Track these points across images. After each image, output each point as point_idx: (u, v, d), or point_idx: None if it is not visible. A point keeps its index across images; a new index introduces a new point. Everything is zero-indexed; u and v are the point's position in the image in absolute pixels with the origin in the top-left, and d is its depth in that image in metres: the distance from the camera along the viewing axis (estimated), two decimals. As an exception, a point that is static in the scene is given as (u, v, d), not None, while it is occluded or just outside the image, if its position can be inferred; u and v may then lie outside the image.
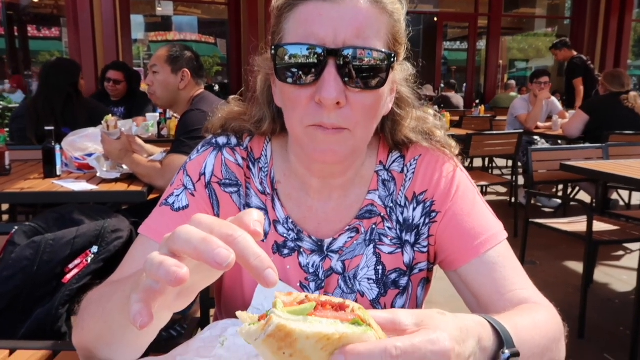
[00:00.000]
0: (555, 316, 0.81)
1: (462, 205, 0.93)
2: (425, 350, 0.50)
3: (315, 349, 0.47)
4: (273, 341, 0.47)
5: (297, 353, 0.47)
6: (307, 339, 0.46)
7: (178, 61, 2.62)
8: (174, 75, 2.62)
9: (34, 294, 1.39)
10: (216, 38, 15.84)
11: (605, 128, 4.69)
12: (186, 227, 0.52)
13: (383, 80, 0.80)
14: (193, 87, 2.68)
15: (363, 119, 0.81)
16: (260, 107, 0.95)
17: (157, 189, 2.50)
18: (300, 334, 0.46)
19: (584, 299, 2.84)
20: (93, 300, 0.80)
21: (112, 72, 4.75)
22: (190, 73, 2.63)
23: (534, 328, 0.72)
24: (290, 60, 0.79)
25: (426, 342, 0.51)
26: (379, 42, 0.80)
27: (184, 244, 0.51)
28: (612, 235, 3.05)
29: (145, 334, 0.71)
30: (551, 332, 0.76)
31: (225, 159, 0.95)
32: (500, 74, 13.48)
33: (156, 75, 2.63)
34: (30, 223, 1.52)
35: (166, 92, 2.65)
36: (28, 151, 3.14)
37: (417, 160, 0.97)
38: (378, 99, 0.82)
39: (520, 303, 0.83)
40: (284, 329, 0.46)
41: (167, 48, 2.69)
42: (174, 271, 0.48)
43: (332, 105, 0.77)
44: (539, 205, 5.74)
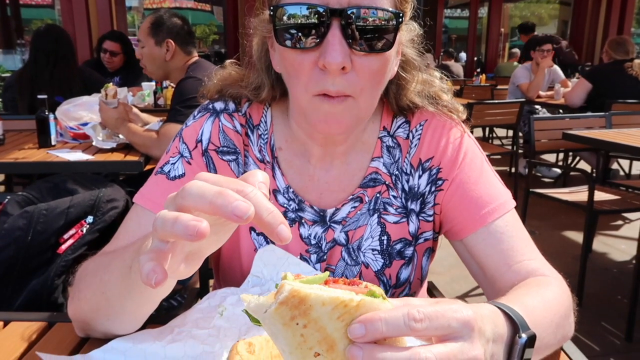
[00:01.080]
0: (565, 290, 0.79)
1: (470, 173, 0.90)
2: (449, 317, 0.47)
3: (331, 318, 0.43)
4: (286, 310, 0.43)
5: (311, 323, 0.43)
6: (323, 305, 0.43)
7: (160, 32, 2.54)
8: (158, 47, 2.56)
9: (28, 265, 1.37)
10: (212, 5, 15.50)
11: (608, 96, 4.63)
12: (196, 182, 0.49)
13: (390, 42, 0.76)
14: (182, 56, 2.61)
15: (369, 85, 0.77)
16: (258, 73, 0.91)
17: (154, 159, 2.47)
18: (315, 299, 0.42)
19: (582, 268, 2.85)
20: (89, 271, 0.77)
21: (108, 43, 4.61)
22: (175, 42, 2.56)
23: (544, 308, 0.69)
24: (291, 22, 0.73)
25: (449, 309, 0.48)
26: (385, 1, 0.75)
27: (198, 199, 0.47)
28: (613, 205, 3.04)
29: (145, 303, 0.69)
30: (562, 309, 0.74)
31: (223, 126, 0.91)
32: (502, 42, 13.27)
33: (143, 49, 2.59)
34: (23, 193, 1.49)
35: (154, 65, 2.61)
36: (22, 121, 3.09)
37: (423, 126, 0.93)
38: (385, 62, 0.78)
39: (527, 275, 0.81)
40: (298, 294, 0.42)
41: (150, 19, 2.61)
42: (193, 225, 0.45)
43: (337, 71, 0.72)
44: (538, 176, 5.73)
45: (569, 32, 13.10)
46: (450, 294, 3.00)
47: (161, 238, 0.49)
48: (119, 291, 0.67)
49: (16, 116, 3.21)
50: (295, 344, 0.44)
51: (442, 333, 0.47)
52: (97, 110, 2.62)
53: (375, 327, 0.44)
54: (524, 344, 0.58)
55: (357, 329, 0.44)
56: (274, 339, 0.46)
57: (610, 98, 4.57)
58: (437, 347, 0.46)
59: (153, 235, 0.50)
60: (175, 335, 0.74)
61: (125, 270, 0.64)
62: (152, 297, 0.68)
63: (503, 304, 0.62)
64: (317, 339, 0.43)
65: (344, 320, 0.44)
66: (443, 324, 0.47)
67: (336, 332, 0.44)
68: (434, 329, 0.46)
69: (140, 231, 0.84)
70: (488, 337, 0.53)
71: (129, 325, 0.74)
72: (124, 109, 2.46)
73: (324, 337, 0.43)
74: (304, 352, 0.44)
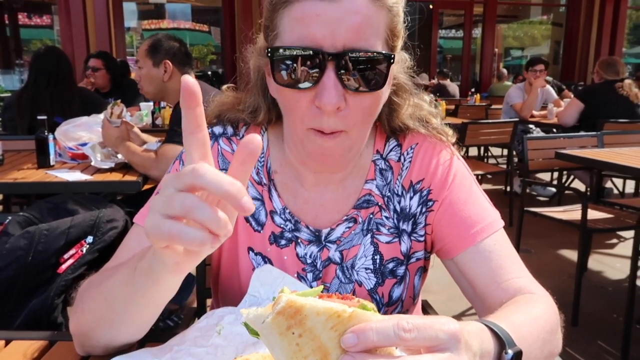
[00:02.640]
0: (552, 306, 0.81)
1: (459, 194, 0.93)
2: (437, 329, 0.49)
3: (325, 327, 0.45)
4: (282, 319, 0.45)
5: (306, 332, 0.45)
6: (317, 315, 0.45)
7: (158, 53, 2.60)
8: (156, 68, 2.60)
9: (28, 285, 1.39)
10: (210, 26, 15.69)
11: (600, 116, 4.70)
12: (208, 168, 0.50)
13: (382, 82, 0.79)
14: (180, 77, 2.65)
15: (361, 119, 0.81)
16: (255, 96, 0.94)
17: (152, 179, 2.49)
18: (310, 309, 0.45)
19: (577, 287, 2.86)
20: (92, 284, 0.79)
21: (91, 60, 4.73)
22: (173, 63, 2.61)
23: (531, 324, 0.71)
24: (288, 63, 0.76)
25: (437, 322, 0.50)
26: (378, 41, 0.78)
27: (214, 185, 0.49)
28: (606, 223, 3.07)
29: (148, 306, 0.70)
30: (548, 325, 0.76)
31: (222, 149, 0.94)
32: (496, 62, 13.44)
33: (141, 70, 2.63)
34: (24, 213, 1.51)
35: (152, 86, 2.64)
36: (21, 141, 3.11)
37: (414, 149, 0.97)
38: (377, 99, 0.82)
39: (516, 292, 0.83)
40: (294, 304, 0.45)
41: (148, 41, 2.67)
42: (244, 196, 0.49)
43: (332, 111, 0.76)
44: (533, 194, 5.76)
45: (561, 52, 13.29)
46: (446, 313, 2.99)
47: (194, 188, 0.50)
48: (123, 296, 0.69)
49: (15, 136, 3.23)
50: (291, 353, 0.46)
51: (430, 344, 0.49)
52: (96, 130, 2.66)
53: (367, 336, 0.46)
54: (510, 359, 0.60)
55: (349, 339, 0.46)
56: (271, 349, 0.48)
57: (602, 117, 4.64)
58: (425, 356, 0.48)
59: None
60: (174, 354, 0.76)
61: (129, 275, 0.66)
62: (155, 300, 0.69)
63: (490, 322, 0.64)
64: (312, 347, 0.45)
65: (337, 330, 0.46)
66: (431, 335, 0.49)
67: (330, 341, 0.46)
68: (422, 339, 0.48)
69: (140, 249, 0.86)
70: (475, 352, 0.55)
71: (131, 333, 0.76)
72: (125, 129, 2.49)
73: (319, 346, 0.46)
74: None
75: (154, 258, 0.60)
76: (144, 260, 0.63)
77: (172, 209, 0.50)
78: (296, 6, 0.76)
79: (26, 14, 13.77)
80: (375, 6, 0.77)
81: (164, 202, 0.51)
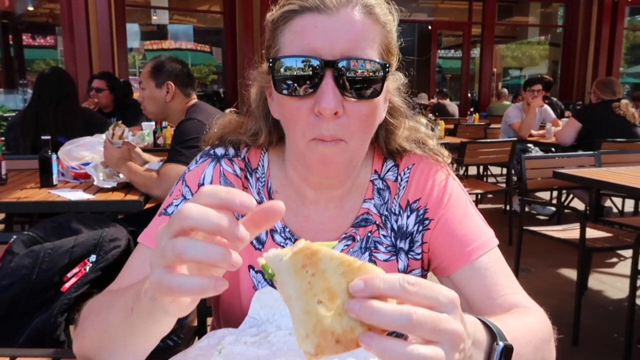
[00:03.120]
0: (545, 319, 0.83)
1: (455, 213, 0.95)
2: (438, 291, 0.51)
3: (336, 272, 0.49)
4: (299, 259, 0.49)
5: (319, 273, 0.49)
6: (330, 259, 0.49)
7: (161, 74, 2.65)
8: (159, 89, 2.65)
9: (32, 303, 1.40)
10: (211, 46, 15.89)
11: (597, 135, 4.74)
12: (191, 204, 0.51)
13: (378, 90, 0.83)
14: (182, 98, 2.70)
15: (359, 129, 0.83)
16: (257, 120, 0.97)
17: (154, 198, 2.51)
18: (325, 253, 0.49)
19: (578, 306, 2.86)
20: (93, 310, 0.81)
21: (95, 81, 4.81)
22: (175, 84, 2.65)
23: (523, 327, 0.74)
24: (288, 73, 0.80)
25: (438, 286, 0.52)
26: (374, 53, 0.82)
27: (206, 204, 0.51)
28: (605, 242, 3.08)
29: (146, 341, 0.72)
30: (541, 333, 0.79)
31: (224, 170, 0.97)
32: (495, 81, 13.58)
33: (144, 91, 2.68)
34: (29, 232, 1.53)
35: (155, 107, 2.69)
36: (24, 160, 3.14)
37: (411, 169, 0.99)
38: (374, 108, 0.85)
39: (511, 307, 0.85)
40: (311, 247, 0.49)
41: (151, 63, 2.73)
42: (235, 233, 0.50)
43: (330, 116, 0.79)
44: (533, 213, 5.78)
45: (559, 72, 13.43)
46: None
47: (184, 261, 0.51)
48: (122, 331, 0.70)
49: (18, 156, 3.27)
50: (302, 290, 0.49)
51: (430, 303, 0.51)
52: (98, 150, 2.69)
53: (374, 282, 0.48)
54: (501, 351, 0.62)
55: (357, 284, 0.48)
56: (284, 288, 0.51)
57: (600, 137, 4.68)
58: (426, 310, 0.50)
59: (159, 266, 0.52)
60: (176, 371, 0.77)
61: (127, 312, 0.67)
62: (153, 335, 0.70)
63: (483, 317, 0.66)
64: (322, 287, 0.49)
65: (347, 277, 0.49)
66: (432, 295, 0.51)
67: (338, 285, 0.49)
68: (423, 296, 0.50)
69: (144, 269, 0.88)
70: (469, 333, 0.56)
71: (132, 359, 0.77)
72: (127, 150, 2.52)
73: (328, 287, 0.49)
74: (309, 297, 0.49)
75: (152, 305, 0.60)
76: (141, 304, 0.63)
77: (167, 258, 0.51)
78: (296, 21, 0.82)
79: (30, 34, 13.96)
80: (370, 20, 0.82)
81: (160, 255, 0.52)
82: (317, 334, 0.48)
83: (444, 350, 0.49)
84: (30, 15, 12.96)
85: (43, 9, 12.28)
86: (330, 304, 0.49)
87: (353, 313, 0.48)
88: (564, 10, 13.20)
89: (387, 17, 0.86)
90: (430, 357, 0.48)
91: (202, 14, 13.08)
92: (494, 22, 12.57)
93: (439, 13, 14.23)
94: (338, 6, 0.80)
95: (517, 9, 15.06)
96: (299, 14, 0.82)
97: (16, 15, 12.58)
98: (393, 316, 0.48)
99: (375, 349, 0.48)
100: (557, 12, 14.12)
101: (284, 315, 0.89)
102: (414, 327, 0.48)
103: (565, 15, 13.06)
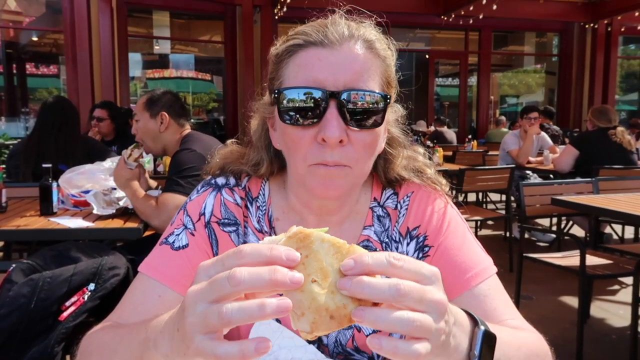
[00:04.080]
0: (540, 338, 0.85)
1: (454, 240, 0.96)
2: (421, 266, 0.55)
3: (328, 253, 0.53)
4: (293, 242, 0.53)
5: (312, 254, 0.53)
6: (322, 242, 0.54)
7: (155, 106, 2.69)
8: (153, 119, 2.68)
9: (30, 332, 1.39)
10: (212, 75, 16.10)
11: (594, 162, 4.77)
12: (244, 268, 0.51)
13: (379, 121, 0.85)
14: (176, 128, 2.72)
15: (363, 156, 0.86)
16: (258, 150, 0.99)
17: (153, 228, 2.51)
18: (317, 236, 0.54)
19: (580, 335, 2.83)
20: (95, 349, 0.79)
21: (97, 110, 4.87)
22: (169, 115, 2.68)
23: (513, 334, 0.77)
24: (293, 103, 0.83)
25: (422, 262, 0.56)
26: (375, 85, 0.85)
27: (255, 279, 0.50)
28: (606, 269, 3.07)
29: None
30: (534, 346, 0.80)
31: (224, 199, 0.98)
32: (492, 109, 13.73)
33: (138, 123, 2.71)
34: (28, 261, 1.53)
35: (149, 138, 2.71)
36: (24, 188, 3.15)
37: (410, 197, 1.01)
38: (376, 136, 0.87)
39: None
40: (304, 231, 0.54)
41: (146, 95, 2.78)
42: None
43: (335, 144, 0.81)
44: (533, 240, 5.76)
45: (555, 99, 13.59)
46: None
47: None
48: None
49: (19, 183, 3.28)
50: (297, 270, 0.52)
51: (415, 277, 0.54)
52: (99, 178, 2.70)
53: (363, 259, 0.52)
54: (483, 334, 0.64)
55: (348, 263, 0.53)
56: None
57: (597, 164, 4.71)
58: (412, 283, 0.53)
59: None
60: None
61: (132, 358, 0.66)
62: None
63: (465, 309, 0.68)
64: (315, 268, 0.52)
65: (337, 259, 0.53)
66: (416, 268, 0.54)
67: (330, 266, 0.53)
68: (408, 270, 0.54)
69: (144, 299, 0.88)
70: (451, 309, 0.60)
71: None
72: (138, 173, 2.52)
73: (321, 267, 0.53)
74: (304, 277, 0.51)
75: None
76: (150, 357, 0.61)
77: (209, 325, 0.51)
78: (300, 54, 0.85)
79: (34, 63, 14.15)
80: (371, 54, 0.86)
81: (201, 321, 0.51)
82: (312, 310, 0.51)
83: (432, 319, 0.53)
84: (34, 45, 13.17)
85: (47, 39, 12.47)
86: (323, 283, 0.52)
87: (345, 290, 0.51)
88: (559, 39, 13.43)
89: (386, 51, 0.89)
90: (419, 320, 0.52)
91: (204, 44, 13.30)
92: (490, 51, 12.79)
93: (436, 42, 14.48)
94: (341, 41, 0.84)
95: (513, 39, 15.33)
96: (304, 48, 0.85)
97: (20, 45, 12.78)
98: (382, 288, 0.51)
99: (368, 320, 0.51)
100: (552, 42, 14.36)
101: (282, 347, 0.89)
102: (402, 297, 0.51)
103: (560, 44, 13.29)
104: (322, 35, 0.84)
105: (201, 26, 12.70)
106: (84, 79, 8.04)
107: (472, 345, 0.64)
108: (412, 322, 0.52)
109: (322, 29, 0.85)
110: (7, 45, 12.15)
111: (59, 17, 8.92)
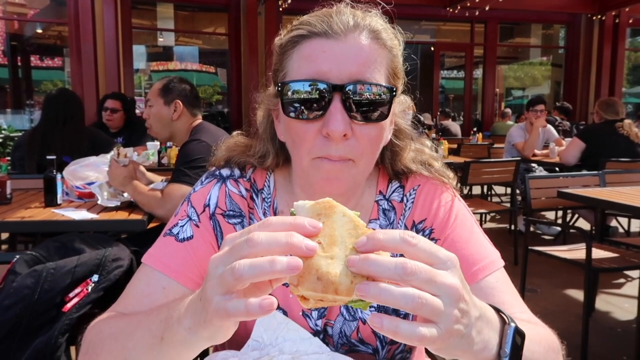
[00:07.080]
0: (553, 333, 0.84)
1: (461, 233, 0.95)
2: (437, 249, 0.54)
3: (344, 226, 0.54)
4: (317, 208, 0.56)
5: (328, 222, 0.54)
6: (343, 215, 0.55)
7: (170, 93, 2.67)
8: (167, 106, 2.67)
9: (33, 323, 1.39)
10: (217, 67, 16.06)
11: (601, 155, 4.74)
12: (261, 232, 0.52)
13: (385, 113, 0.84)
14: (188, 117, 2.71)
15: (368, 150, 0.84)
16: (264, 142, 0.98)
17: (157, 218, 2.51)
18: (341, 210, 0.56)
19: (585, 328, 2.82)
20: (108, 336, 0.78)
21: (110, 101, 4.84)
22: (183, 104, 2.67)
23: (533, 329, 0.75)
24: (297, 96, 0.81)
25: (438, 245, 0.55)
26: (381, 77, 0.83)
27: (273, 243, 0.51)
28: (612, 263, 3.05)
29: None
30: (550, 340, 0.79)
31: (229, 191, 0.97)
32: (497, 101, 13.64)
33: (151, 108, 2.69)
34: (32, 252, 1.52)
35: (160, 124, 2.70)
36: (29, 180, 3.16)
37: (417, 190, 0.99)
38: (381, 130, 0.85)
39: None
40: (331, 202, 0.56)
41: (161, 81, 2.76)
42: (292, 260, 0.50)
43: (339, 138, 0.80)
44: (538, 233, 5.74)
45: (562, 92, 13.49)
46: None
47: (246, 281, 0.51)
48: (146, 358, 0.68)
49: (24, 175, 3.28)
50: None
51: (429, 259, 0.53)
52: (103, 169, 2.70)
53: (375, 235, 0.52)
54: (514, 331, 0.62)
55: (361, 239, 0.53)
56: None
57: (604, 157, 4.67)
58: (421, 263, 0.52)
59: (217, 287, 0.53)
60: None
61: (154, 340, 0.66)
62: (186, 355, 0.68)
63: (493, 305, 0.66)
64: (326, 233, 0.54)
65: (352, 235, 0.54)
66: (431, 250, 0.53)
67: (341, 237, 0.54)
68: (422, 249, 0.53)
69: (149, 290, 0.87)
70: (475, 302, 0.58)
71: None
72: (132, 168, 2.53)
73: (331, 234, 0.54)
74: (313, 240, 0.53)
75: (189, 334, 0.59)
76: (173, 333, 0.62)
77: (225, 284, 0.52)
78: (304, 46, 0.83)
79: (38, 56, 14.16)
80: (377, 44, 0.83)
81: (217, 283, 0.53)
82: (304, 266, 0.51)
83: (443, 303, 0.52)
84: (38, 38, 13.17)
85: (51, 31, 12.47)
86: (327, 248, 0.53)
87: (354, 267, 0.51)
88: (565, 31, 13.31)
89: (393, 41, 0.87)
90: (425, 298, 0.50)
91: (208, 36, 13.25)
92: (496, 44, 12.69)
93: (441, 35, 14.37)
94: (346, 31, 0.82)
95: (519, 31, 15.20)
96: (308, 39, 0.83)
97: (25, 38, 12.79)
98: (389, 265, 0.50)
99: (371, 293, 0.50)
100: (559, 34, 14.23)
101: (287, 339, 0.89)
102: (408, 276, 0.50)
103: (567, 36, 13.17)
104: (327, 26, 0.82)
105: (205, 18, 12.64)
106: (88, 71, 8.05)
107: (502, 342, 0.62)
108: (416, 298, 0.50)
109: (326, 19, 0.83)
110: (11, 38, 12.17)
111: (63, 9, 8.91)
